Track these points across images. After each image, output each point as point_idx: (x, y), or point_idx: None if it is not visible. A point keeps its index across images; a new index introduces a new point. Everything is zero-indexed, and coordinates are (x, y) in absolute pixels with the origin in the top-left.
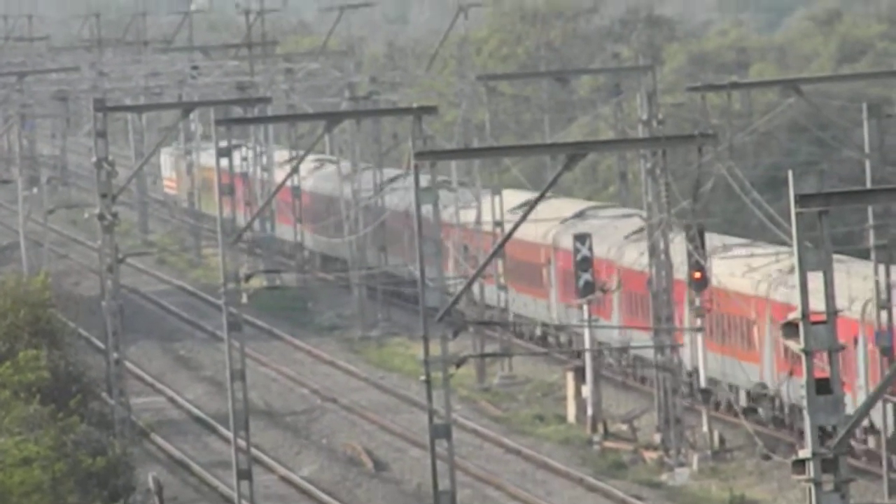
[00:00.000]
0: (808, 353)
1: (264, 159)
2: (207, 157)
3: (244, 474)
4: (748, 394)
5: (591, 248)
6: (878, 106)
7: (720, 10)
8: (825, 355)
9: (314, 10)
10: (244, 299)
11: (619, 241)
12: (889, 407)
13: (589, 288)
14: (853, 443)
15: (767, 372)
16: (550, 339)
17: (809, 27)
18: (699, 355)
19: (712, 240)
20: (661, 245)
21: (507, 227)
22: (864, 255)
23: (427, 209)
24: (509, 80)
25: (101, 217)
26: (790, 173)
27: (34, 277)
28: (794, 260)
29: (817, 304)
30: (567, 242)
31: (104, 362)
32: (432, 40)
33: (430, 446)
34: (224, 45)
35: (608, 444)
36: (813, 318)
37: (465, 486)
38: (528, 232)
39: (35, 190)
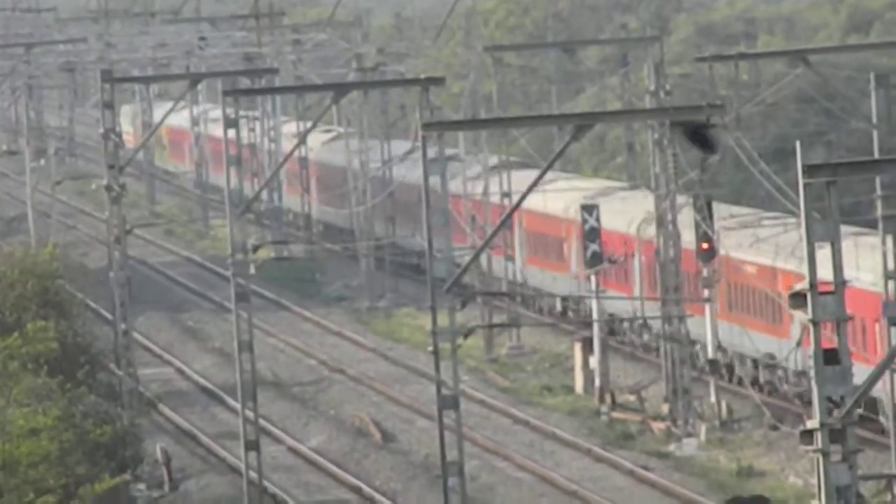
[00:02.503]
0: (816, 323)
1: (272, 132)
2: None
3: (252, 445)
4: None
5: (598, 219)
6: (885, 76)
7: None
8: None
9: None
10: (252, 270)
11: (641, 214)
12: None
13: (597, 258)
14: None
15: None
16: (570, 314)
17: None
18: (707, 326)
19: (720, 210)
20: (669, 216)
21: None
22: (872, 225)
23: (435, 180)
24: (517, 51)
25: (108, 188)
26: (798, 144)
27: (42, 249)
28: (802, 231)
29: (860, 274)
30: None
31: (112, 333)
32: (440, 11)
33: (437, 417)
34: (231, 16)
35: (616, 414)
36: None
37: (472, 457)
38: (549, 206)
39: (42, 161)
